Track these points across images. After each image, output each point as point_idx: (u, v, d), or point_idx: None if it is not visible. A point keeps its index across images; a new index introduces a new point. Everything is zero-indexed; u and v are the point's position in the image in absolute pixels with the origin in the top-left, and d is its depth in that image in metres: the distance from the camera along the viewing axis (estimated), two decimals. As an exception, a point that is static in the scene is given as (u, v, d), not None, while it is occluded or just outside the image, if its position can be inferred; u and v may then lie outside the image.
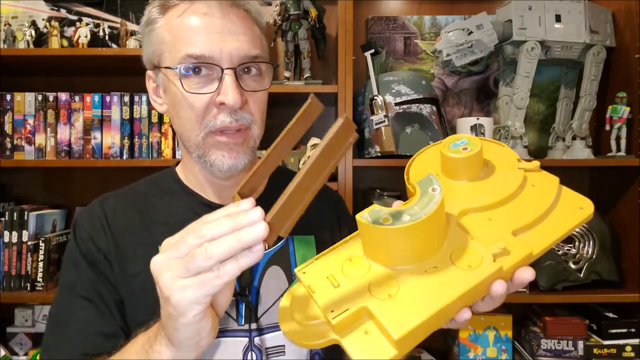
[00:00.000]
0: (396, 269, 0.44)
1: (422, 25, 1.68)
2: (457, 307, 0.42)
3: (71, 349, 0.67)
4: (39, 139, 1.47)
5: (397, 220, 0.42)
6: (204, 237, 0.44)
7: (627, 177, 1.47)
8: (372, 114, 1.39)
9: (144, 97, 1.47)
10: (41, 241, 1.43)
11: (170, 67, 0.68)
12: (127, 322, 0.71)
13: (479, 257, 0.43)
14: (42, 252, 1.42)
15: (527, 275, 0.45)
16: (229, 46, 0.66)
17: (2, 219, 1.43)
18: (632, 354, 1.40)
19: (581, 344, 1.41)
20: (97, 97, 1.47)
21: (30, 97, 1.47)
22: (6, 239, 1.42)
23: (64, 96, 1.47)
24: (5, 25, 1.54)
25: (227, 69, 0.66)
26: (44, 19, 1.60)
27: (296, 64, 1.51)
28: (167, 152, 1.47)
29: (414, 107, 1.41)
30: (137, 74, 1.64)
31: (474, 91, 1.69)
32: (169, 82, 0.70)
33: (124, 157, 1.47)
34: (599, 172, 1.62)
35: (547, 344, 1.42)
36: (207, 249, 0.43)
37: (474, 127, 1.41)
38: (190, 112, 0.68)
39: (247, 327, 0.71)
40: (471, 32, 1.42)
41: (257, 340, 0.71)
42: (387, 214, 0.43)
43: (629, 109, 1.43)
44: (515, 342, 1.48)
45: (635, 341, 1.40)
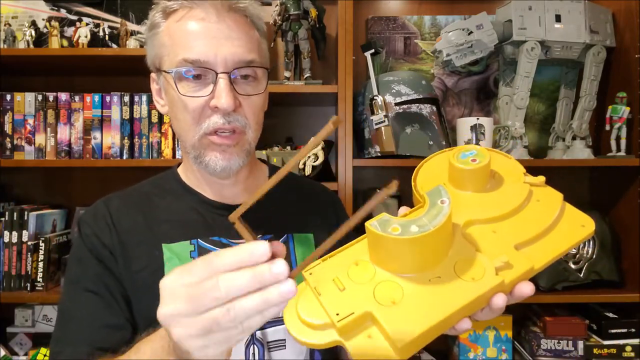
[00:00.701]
0: (401, 276, 0.45)
1: (422, 25, 1.68)
2: (458, 317, 0.43)
3: (80, 341, 0.69)
4: (39, 139, 1.47)
5: (405, 230, 0.43)
6: (226, 299, 0.39)
7: (627, 177, 1.47)
8: (372, 114, 1.39)
9: (144, 97, 1.47)
10: (41, 241, 1.43)
11: (167, 70, 0.71)
12: (134, 315, 0.72)
13: (482, 269, 0.44)
14: (42, 252, 1.42)
15: (526, 290, 0.46)
16: (224, 51, 0.68)
17: (2, 219, 1.43)
18: (632, 354, 1.40)
19: (581, 344, 1.41)
20: (97, 97, 1.47)
21: (30, 97, 1.47)
22: (6, 239, 1.42)
23: (64, 96, 1.47)
24: (5, 25, 1.54)
25: (222, 73, 0.68)
26: (44, 19, 1.60)
27: (296, 64, 1.51)
28: (167, 152, 1.47)
29: (414, 107, 1.41)
30: (137, 74, 1.65)
31: (474, 91, 1.69)
32: (168, 85, 0.72)
33: (124, 157, 1.47)
34: (599, 172, 1.62)
35: (547, 344, 1.42)
36: (230, 311, 0.39)
37: (474, 127, 1.41)
38: (186, 114, 0.70)
39: None
40: (471, 32, 1.42)
41: (258, 333, 0.73)
42: (396, 224, 0.44)
43: (629, 109, 1.43)
44: (515, 342, 1.48)
45: (635, 341, 1.40)
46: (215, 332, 0.40)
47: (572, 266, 1.44)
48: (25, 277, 1.42)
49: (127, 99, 1.47)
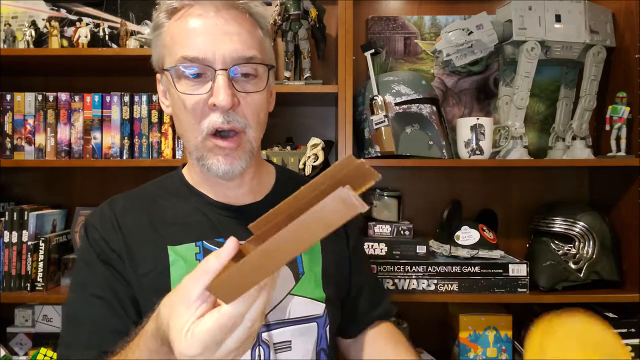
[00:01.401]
0: None
1: (422, 25, 1.68)
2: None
3: (87, 347, 0.69)
4: (39, 139, 1.47)
5: None
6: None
7: (627, 177, 1.47)
8: (372, 114, 1.39)
9: (144, 97, 1.47)
10: (41, 241, 1.43)
11: (166, 68, 0.70)
12: (142, 317, 0.72)
13: None
14: (42, 252, 1.42)
15: None
16: (223, 47, 0.67)
17: (2, 219, 1.43)
18: (632, 354, 1.40)
19: (581, 344, 1.41)
20: (97, 97, 1.47)
21: (30, 97, 1.47)
22: (6, 239, 1.42)
23: (64, 96, 1.47)
24: (5, 25, 1.54)
25: (220, 70, 0.66)
26: (44, 19, 1.60)
27: (296, 64, 1.51)
28: (167, 152, 1.47)
29: (414, 107, 1.41)
30: (137, 74, 1.66)
31: (474, 91, 1.69)
32: (170, 84, 0.71)
33: (124, 157, 1.46)
34: (599, 172, 1.62)
35: (547, 344, 1.42)
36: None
37: (474, 127, 1.41)
38: (186, 113, 0.69)
39: None
40: (471, 32, 1.42)
41: (264, 335, 0.73)
42: None
43: (629, 109, 1.43)
44: (515, 342, 1.48)
45: (635, 341, 1.40)
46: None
47: (572, 266, 1.43)
48: (25, 277, 1.41)
49: (127, 99, 1.47)
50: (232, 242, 0.46)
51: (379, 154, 1.40)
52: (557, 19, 1.43)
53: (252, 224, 0.48)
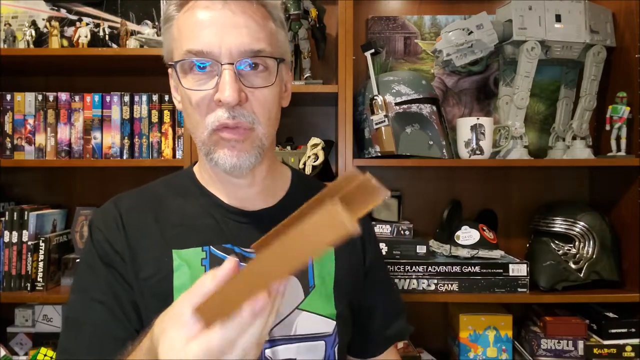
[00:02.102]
0: None
1: (422, 25, 1.68)
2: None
3: (86, 353, 0.67)
4: (39, 139, 1.47)
5: None
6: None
7: (627, 177, 1.47)
8: (372, 113, 1.39)
9: (144, 97, 1.47)
10: (41, 241, 1.43)
11: (171, 63, 0.68)
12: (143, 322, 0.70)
13: None
14: (42, 252, 1.42)
15: None
16: (229, 40, 0.64)
17: (2, 219, 1.43)
18: (632, 354, 1.40)
19: (581, 344, 1.41)
20: (97, 97, 1.47)
21: (30, 97, 1.47)
22: (6, 239, 1.42)
23: (64, 96, 1.47)
24: (5, 25, 1.54)
25: (226, 64, 0.64)
26: (44, 19, 1.60)
27: (296, 64, 1.51)
28: (167, 152, 1.47)
29: (414, 107, 1.41)
30: (137, 74, 1.65)
31: (474, 91, 1.69)
32: (177, 79, 0.69)
33: (124, 157, 1.46)
34: (599, 172, 1.62)
35: (547, 344, 1.42)
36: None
37: (474, 127, 1.41)
38: (192, 109, 0.67)
39: None
40: (471, 32, 1.42)
41: (268, 352, 0.69)
42: None
43: (629, 109, 1.43)
44: (515, 342, 1.48)
45: (635, 341, 1.40)
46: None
47: (572, 266, 1.43)
48: (25, 277, 1.41)
49: (127, 99, 1.47)
50: (230, 263, 0.43)
51: (379, 154, 1.40)
52: (557, 18, 1.43)
53: (255, 244, 0.45)
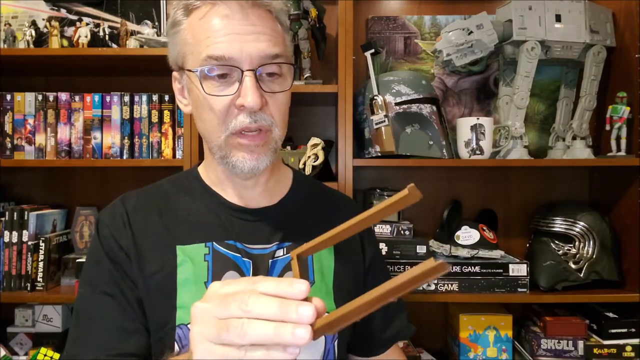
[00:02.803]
0: None
1: (422, 25, 1.68)
2: None
3: (95, 344, 0.69)
4: (39, 139, 1.47)
5: None
6: (248, 313, 0.40)
7: (627, 177, 1.47)
8: (372, 113, 1.39)
9: (144, 97, 1.47)
10: (41, 241, 1.43)
11: (191, 69, 0.69)
12: (147, 318, 0.72)
13: None
14: (42, 252, 1.42)
15: None
16: (249, 47, 0.67)
17: (2, 219, 1.43)
18: (632, 354, 1.40)
19: (581, 344, 1.41)
20: (97, 97, 1.47)
21: (30, 97, 1.47)
22: (6, 239, 1.42)
23: (64, 96, 1.47)
24: (5, 25, 1.54)
25: (248, 70, 0.67)
26: (44, 19, 1.60)
27: (296, 64, 1.51)
28: (167, 152, 1.47)
29: (414, 107, 1.41)
30: (137, 74, 1.65)
31: (474, 91, 1.69)
32: (191, 84, 0.71)
33: (124, 157, 1.46)
34: (599, 172, 1.62)
35: (547, 343, 1.42)
36: (243, 326, 0.40)
37: (474, 127, 1.41)
38: (211, 114, 0.69)
39: None
40: (471, 32, 1.42)
41: None
42: None
43: (629, 109, 1.43)
44: (515, 342, 1.48)
45: (635, 341, 1.40)
46: (221, 341, 0.41)
47: (572, 266, 1.43)
48: (25, 277, 1.41)
49: (127, 99, 1.47)
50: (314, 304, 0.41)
51: (379, 154, 1.40)
52: (557, 18, 1.43)
53: (294, 251, 0.49)
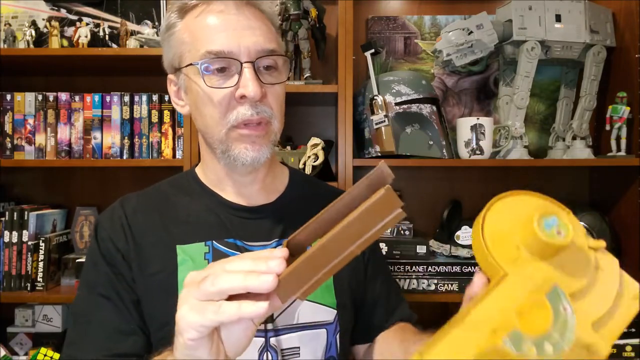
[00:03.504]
0: None
1: (422, 25, 1.68)
2: None
3: (92, 345, 0.70)
4: (39, 139, 1.47)
5: (541, 350, 0.41)
6: (224, 269, 0.45)
7: (627, 177, 1.47)
8: (372, 113, 1.39)
9: (144, 97, 1.47)
10: (41, 241, 1.43)
11: (191, 63, 0.70)
12: (146, 321, 0.73)
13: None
14: (42, 252, 1.42)
15: None
16: (246, 41, 0.69)
17: (2, 219, 1.43)
18: (632, 354, 1.40)
19: (581, 344, 1.41)
20: (97, 97, 1.47)
21: (30, 97, 1.47)
22: (6, 239, 1.42)
23: (64, 96, 1.47)
24: (5, 25, 1.54)
25: (246, 62, 0.68)
26: (44, 19, 1.60)
27: (296, 64, 1.51)
28: (167, 152, 1.47)
29: (414, 107, 1.41)
30: (137, 74, 1.65)
31: (474, 91, 1.69)
32: (190, 81, 0.72)
33: (124, 157, 1.46)
34: (599, 172, 1.62)
35: (547, 343, 1.42)
36: (216, 276, 0.44)
37: (474, 127, 1.41)
38: (212, 108, 0.70)
39: (263, 327, 0.72)
40: (471, 32, 1.42)
41: (273, 340, 0.72)
42: (530, 342, 0.41)
43: (629, 109, 1.43)
44: (515, 342, 1.48)
45: (635, 341, 1.40)
46: (200, 295, 0.45)
47: (572, 266, 1.43)
48: (25, 277, 1.41)
49: (127, 99, 1.47)
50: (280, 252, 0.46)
51: (379, 154, 1.40)
52: (557, 18, 1.43)
53: (287, 240, 0.48)
